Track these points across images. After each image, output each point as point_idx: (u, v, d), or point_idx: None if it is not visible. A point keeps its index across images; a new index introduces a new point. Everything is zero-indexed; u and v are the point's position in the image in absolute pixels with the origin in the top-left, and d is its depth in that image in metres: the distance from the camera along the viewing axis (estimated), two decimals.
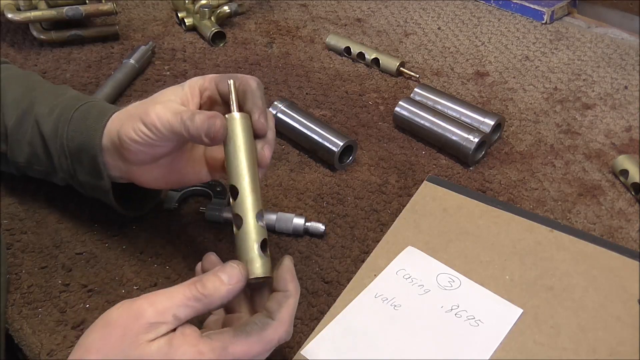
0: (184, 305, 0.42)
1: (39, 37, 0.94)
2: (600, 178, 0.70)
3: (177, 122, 0.48)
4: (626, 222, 0.64)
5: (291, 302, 0.45)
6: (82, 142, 0.55)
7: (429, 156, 0.74)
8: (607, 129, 0.78)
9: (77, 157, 0.56)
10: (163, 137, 0.50)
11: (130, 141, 0.51)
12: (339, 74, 0.90)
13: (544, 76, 0.89)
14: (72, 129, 0.56)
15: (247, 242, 0.47)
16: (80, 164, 0.56)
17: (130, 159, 0.53)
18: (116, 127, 0.53)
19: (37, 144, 0.58)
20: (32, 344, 0.53)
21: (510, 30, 1.01)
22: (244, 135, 0.49)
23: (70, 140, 0.56)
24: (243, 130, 0.49)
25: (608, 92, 0.85)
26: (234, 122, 0.49)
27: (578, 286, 0.55)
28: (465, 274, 0.56)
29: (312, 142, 0.71)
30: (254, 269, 0.46)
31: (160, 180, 0.56)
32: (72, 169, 0.57)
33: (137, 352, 0.40)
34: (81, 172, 0.57)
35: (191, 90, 0.53)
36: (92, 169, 0.56)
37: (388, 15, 1.06)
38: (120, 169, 0.55)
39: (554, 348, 0.50)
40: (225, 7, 1.00)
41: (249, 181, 0.48)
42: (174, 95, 0.52)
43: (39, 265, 0.59)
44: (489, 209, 0.63)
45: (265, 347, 0.44)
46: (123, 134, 0.51)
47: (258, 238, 0.47)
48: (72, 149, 0.56)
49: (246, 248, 0.47)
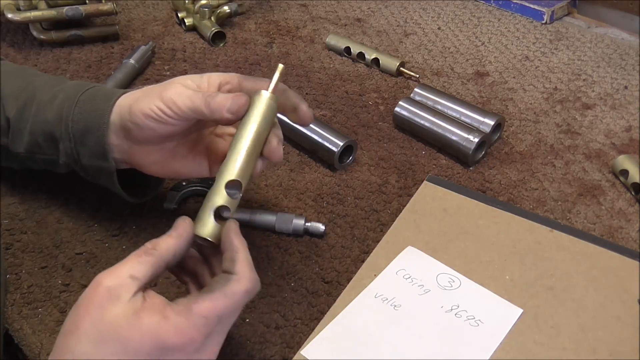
0: (137, 262, 0.43)
1: (39, 37, 0.94)
2: (600, 178, 0.70)
3: (199, 99, 0.50)
4: (626, 222, 0.64)
5: (242, 255, 0.46)
6: (88, 123, 0.56)
7: (429, 156, 0.74)
8: (607, 129, 0.78)
9: (82, 140, 0.56)
10: (179, 114, 0.51)
11: (144, 116, 0.52)
12: (339, 74, 0.90)
13: (544, 76, 0.89)
14: (78, 111, 0.57)
15: (207, 204, 0.48)
16: (84, 147, 0.57)
17: (137, 136, 0.54)
18: (128, 103, 0.54)
19: (39, 131, 0.59)
20: (32, 344, 0.53)
21: (510, 30, 1.01)
22: (264, 114, 0.50)
23: (76, 122, 0.56)
24: (266, 109, 0.50)
25: (608, 92, 0.85)
26: (260, 99, 0.50)
27: (578, 286, 0.55)
28: (465, 274, 0.56)
29: (312, 142, 0.71)
30: (201, 228, 0.47)
31: (159, 166, 0.57)
32: (76, 152, 0.57)
33: (104, 323, 0.41)
34: (85, 156, 0.57)
35: (209, 80, 0.54)
36: (97, 151, 0.56)
37: (388, 15, 1.06)
38: (123, 150, 0.56)
39: (554, 348, 0.50)
40: (225, 7, 1.00)
41: (244, 153, 0.49)
42: (191, 81, 0.53)
43: (39, 265, 0.59)
44: (489, 209, 0.63)
45: (232, 301, 0.44)
46: (137, 109, 0.52)
47: (217, 203, 0.47)
48: (77, 131, 0.56)
49: (203, 208, 0.48)
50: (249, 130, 0.50)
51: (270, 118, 0.51)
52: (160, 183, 0.65)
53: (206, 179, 0.68)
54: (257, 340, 0.53)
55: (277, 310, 0.55)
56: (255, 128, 0.50)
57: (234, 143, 0.49)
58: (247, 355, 0.52)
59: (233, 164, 0.49)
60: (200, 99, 0.50)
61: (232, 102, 0.50)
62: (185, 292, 0.57)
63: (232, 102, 0.50)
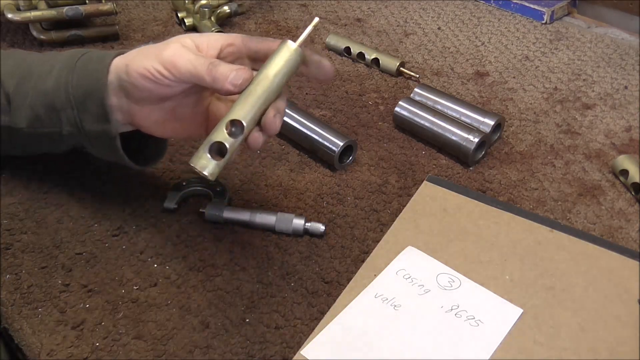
0: None
1: (39, 37, 0.94)
2: (600, 178, 0.70)
3: (201, 64, 0.49)
4: (626, 222, 0.64)
5: None
6: (88, 87, 0.55)
7: (429, 156, 0.74)
8: (607, 129, 0.78)
9: (83, 105, 0.56)
10: (178, 77, 0.51)
11: (140, 77, 0.51)
12: (339, 74, 0.90)
13: (544, 76, 0.89)
14: (76, 77, 0.56)
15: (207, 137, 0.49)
16: (86, 112, 0.56)
17: (135, 96, 0.54)
18: (124, 62, 0.54)
19: (39, 104, 0.58)
20: (32, 344, 0.53)
21: (510, 30, 1.01)
22: (284, 65, 0.50)
23: (76, 88, 0.56)
24: (288, 60, 0.50)
25: (608, 92, 0.85)
26: (285, 48, 0.50)
27: (578, 286, 0.55)
28: (465, 274, 0.56)
29: (312, 142, 0.71)
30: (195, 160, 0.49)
31: (160, 126, 0.57)
32: (79, 119, 0.57)
33: None
34: (88, 121, 0.57)
35: (209, 41, 0.53)
36: (99, 114, 0.56)
37: (388, 15, 1.06)
38: (124, 110, 0.56)
39: (554, 348, 0.50)
40: (225, 7, 1.00)
41: (254, 98, 0.49)
42: (190, 40, 0.52)
43: (39, 265, 0.59)
44: (489, 209, 0.63)
45: None
46: (133, 69, 0.52)
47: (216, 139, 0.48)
48: (78, 97, 0.56)
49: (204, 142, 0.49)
50: (265, 78, 0.49)
51: (291, 71, 0.50)
52: (162, 152, 0.64)
53: (205, 179, 0.68)
54: (257, 340, 0.53)
55: (277, 310, 0.55)
56: (271, 77, 0.49)
57: (247, 87, 0.49)
58: (247, 355, 0.52)
59: (240, 106, 0.49)
60: (202, 64, 0.49)
61: (236, 74, 0.49)
62: (185, 293, 0.57)
63: (235, 75, 0.49)
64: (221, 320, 0.54)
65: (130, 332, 0.53)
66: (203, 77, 0.49)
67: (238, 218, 0.63)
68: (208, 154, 0.48)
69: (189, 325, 0.54)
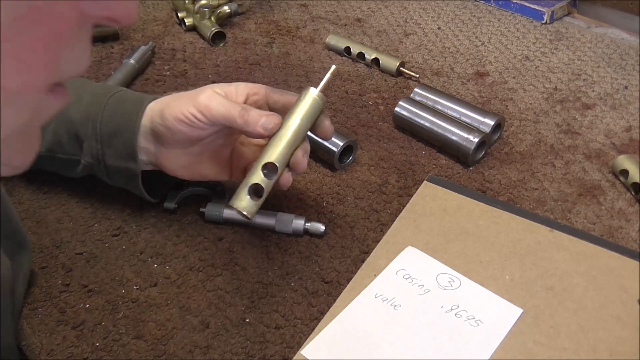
0: None
1: None
2: (600, 178, 0.70)
3: (233, 108, 0.53)
4: (626, 222, 0.64)
5: None
6: (117, 125, 0.58)
7: (429, 156, 0.74)
8: (607, 129, 0.78)
9: (109, 141, 0.58)
10: (211, 121, 0.53)
11: (176, 120, 0.54)
12: (339, 74, 0.90)
13: (544, 76, 0.89)
14: (107, 113, 0.58)
15: (244, 181, 0.53)
16: (111, 148, 0.58)
17: (167, 140, 0.56)
18: (159, 107, 0.56)
19: (63, 131, 0.60)
20: (32, 344, 0.53)
21: (510, 30, 1.01)
22: (308, 109, 0.54)
23: (105, 124, 0.58)
24: (312, 105, 0.54)
25: (608, 92, 0.85)
26: (308, 95, 0.54)
27: (578, 286, 0.55)
28: (465, 274, 0.56)
29: (312, 142, 0.71)
30: (236, 202, 0.52)
31: (185, 169, 0.59)
32: (102, 153, 0.59)
33: None
34: (111, 156, 0.59)
35: (237, 90, 0.56)
36: (124, 153, 0.58)
37: (388, 15, 1.06)
38: (150, 153, 0.58)
39: (554, 348, 0.50)
40: (225, 7, 1.00)
41: (284, 142, 0.53)
42: (219, 89, 0.56)
43: (39, 265, 0.59)
44: (489, 209, 0.63)
45: None
46: (169, 113, 0.55)
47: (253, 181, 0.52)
48: (105, 133, 0.58)
49: (241, 185, 0.53)
50: (292, 122, 0.53)
51: (314, 115, 0.54)
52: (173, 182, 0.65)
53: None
54: (257, 340, 0.53)
55: (277, 310, 0.55)
56: (298, 122, 0.53)
57: (277, 132, 0.53)
58: (247, 355, 0.52)
59: (272, 149, 0.53)
60: (235, 109, 0.53)
61: (267, 119, 0.53)
62: (185, 293, 0.57)
63: (266, 120, 0.52)
64: (221, 320, 0.54)
65: (130, 332, 0.53)
66: (235, 120, 0.53)
67: (238, 218, 0.63)
68: (248, 195, 0.52)
69: (189, 325, 0.54)
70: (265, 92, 0.57)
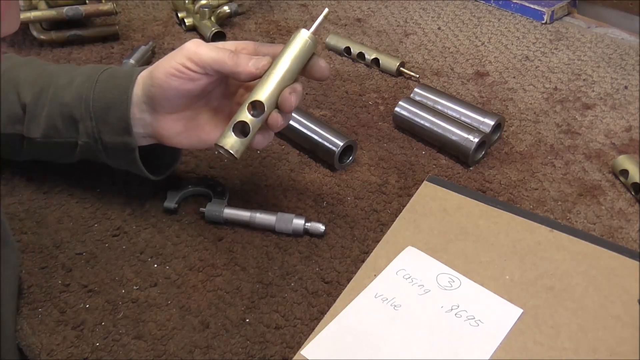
0: None
1: (39, 37, 0.94)
2: (600, 178, 0.70)
3: (222, 52, 0.53)
4: (626, 222, 0.64)
5: None
6: (110, 100, 0.58)
7: (429, 156, 0.74)
8: (607, 129, 0.78)
9: (104, 117, 0.58)
10: (203, 67, 0.54)
11: (166, 75, 0.54)
12: (339, 74, 0.90)
13: (544, 76, 0.89)
14: (98, 89, 0.59)
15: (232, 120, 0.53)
16: (106, 124, 0.58)
17: (160, 101, 0.56)
18: (147, 73, 0.57)
19: (57, 114, 0.60)
20: (32, 344, 0.53)
21: (510, 30, 1.01)
22: (299, 51, 0.54)
23: (97, 100, 0.58)
24: (302, 46, 0.54)
25: (608, 92, 0.85)
26: (299, 36, 0.54)
27: (578, 286, 0.55)
28: (465, 274, 0.56)
29: (312, 142, 0.71)
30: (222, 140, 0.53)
31: (183, 136, 0.59)
32: (97, 130, 0.59)
33: None
34: (107, 133, 0.59)
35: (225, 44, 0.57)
36: (119, 127, 0.58)
37: (388, 15, 1.06)
38: (146, 123, 0.58)
39: (554, 348, 0.50)
40: (225, 7, 1.00)
41: (272, 81, 0.53)
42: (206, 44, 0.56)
43: (39, 265, 0.59)
44: (489, 209, 0.63)
45: None
46: (158, 72, 0.55)
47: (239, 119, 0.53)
48: (99, 109, 0.58)
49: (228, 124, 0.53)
50: (282, 62, 0.53)
51: (305, 56, 0.54)
52: (176, 160, 0.66)
53: (205, 179, 0.68)
54: (257, 340, 0.53)
55: (277, 310, 0.55)
56: (288, 62, 0.53)
57: (266, 72, 0.53)
58: (247, 355, 0.52)
59: (260, 88, 0.53)
60: (224, 52, 0.53)
61: (256, 60, 0.53)
62: (185, 293, 0.57)
63: (255, 60, 0.53)
64: (221, 320, 0.54)
65: (130, 332, 0.53)
66: (225, 62, 0.53)
67: (238, 218, 0.63)
68: (232, 132, 0.52)
69: (189, 325, 0.54)
70: (254, 47, 0.57)
